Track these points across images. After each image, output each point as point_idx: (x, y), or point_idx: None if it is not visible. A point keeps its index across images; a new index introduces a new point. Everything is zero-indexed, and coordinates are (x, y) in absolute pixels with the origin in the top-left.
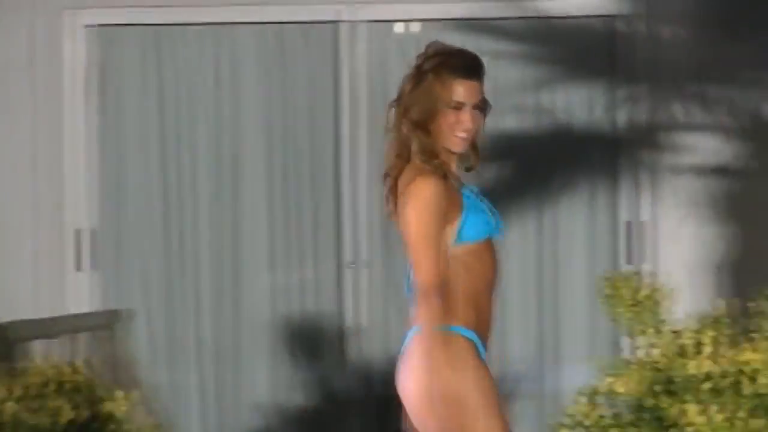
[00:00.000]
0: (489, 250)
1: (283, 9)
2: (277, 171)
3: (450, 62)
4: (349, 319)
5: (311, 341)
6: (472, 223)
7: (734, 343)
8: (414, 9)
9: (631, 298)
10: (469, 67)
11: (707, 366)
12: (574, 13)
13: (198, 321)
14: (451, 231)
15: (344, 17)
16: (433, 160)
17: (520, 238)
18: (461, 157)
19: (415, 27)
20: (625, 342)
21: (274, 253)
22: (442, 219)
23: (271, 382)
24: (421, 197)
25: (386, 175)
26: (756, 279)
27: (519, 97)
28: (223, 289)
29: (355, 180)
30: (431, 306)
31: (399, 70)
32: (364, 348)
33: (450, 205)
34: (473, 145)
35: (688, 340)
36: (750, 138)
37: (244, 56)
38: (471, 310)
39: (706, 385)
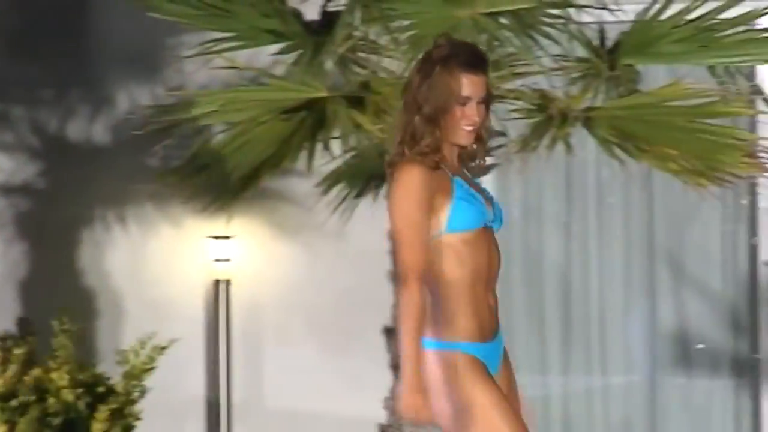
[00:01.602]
0: (484, 240)
1: None
2: None
3: (457, 56)
4: None
5: None
6: (462, 211)
7: (39, 361)
8: None
9: None
10: (475, 61)
11: (13, 384)
12: None
13: None
14: (440, 219)
15: None
16: (429, 154)
17: None
18: (468, 151)
19: None
20: None
21: None
22: (427, 206)
23: None
24: (403, 184)
25: (391, 163)
26: (56, 297)
27: None
28: None
29: None
30: (411, 296)
31: None
32: None
33: (438, 193)
34: (480, 139)
35: None
36: (51, 156)
37: None
38: (468, 307)
39: (13, 403)
